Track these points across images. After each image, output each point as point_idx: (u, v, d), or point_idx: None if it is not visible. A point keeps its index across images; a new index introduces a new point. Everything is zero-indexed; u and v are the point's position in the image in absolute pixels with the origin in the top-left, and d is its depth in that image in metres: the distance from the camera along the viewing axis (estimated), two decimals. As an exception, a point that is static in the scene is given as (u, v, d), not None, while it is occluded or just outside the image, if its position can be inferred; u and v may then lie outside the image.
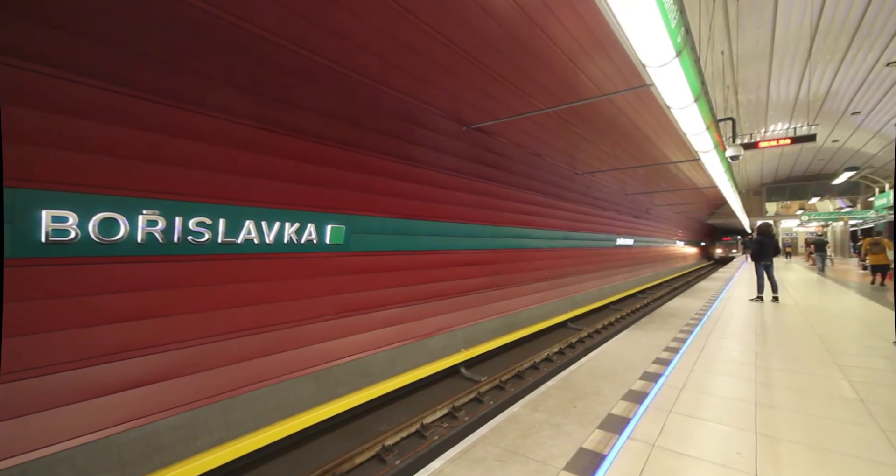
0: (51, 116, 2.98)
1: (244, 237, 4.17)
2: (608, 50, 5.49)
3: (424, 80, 5.06)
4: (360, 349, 5.43)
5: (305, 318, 4.83)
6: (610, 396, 3.29)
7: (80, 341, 3.19)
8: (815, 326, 5.76)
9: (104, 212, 3.23)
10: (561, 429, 2.73)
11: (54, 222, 2.99)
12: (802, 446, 2.47)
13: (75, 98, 3.08)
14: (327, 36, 3.93)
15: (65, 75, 3.00)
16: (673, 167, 13.62)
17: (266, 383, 4.35)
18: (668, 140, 10.53)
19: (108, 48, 3.14)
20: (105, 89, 3.20)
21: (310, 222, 4.81)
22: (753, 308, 7.48)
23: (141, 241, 3.44)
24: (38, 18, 2.80)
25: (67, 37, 2.94)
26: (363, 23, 3.90)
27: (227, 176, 4.06)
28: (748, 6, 7.70)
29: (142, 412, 3.48)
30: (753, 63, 10.06)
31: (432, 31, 4.23)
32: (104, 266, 3.28)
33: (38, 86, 2.91)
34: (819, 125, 14.43)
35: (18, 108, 2.84)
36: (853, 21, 8.12)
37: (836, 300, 8.48)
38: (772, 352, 4.53)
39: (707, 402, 3.17)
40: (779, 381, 3.60)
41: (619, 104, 7.66)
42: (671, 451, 2.42)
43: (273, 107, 4.29)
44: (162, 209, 3.56)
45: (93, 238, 3.17)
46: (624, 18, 2.99)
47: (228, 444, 3.84)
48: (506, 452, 2.45)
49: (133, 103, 3.36)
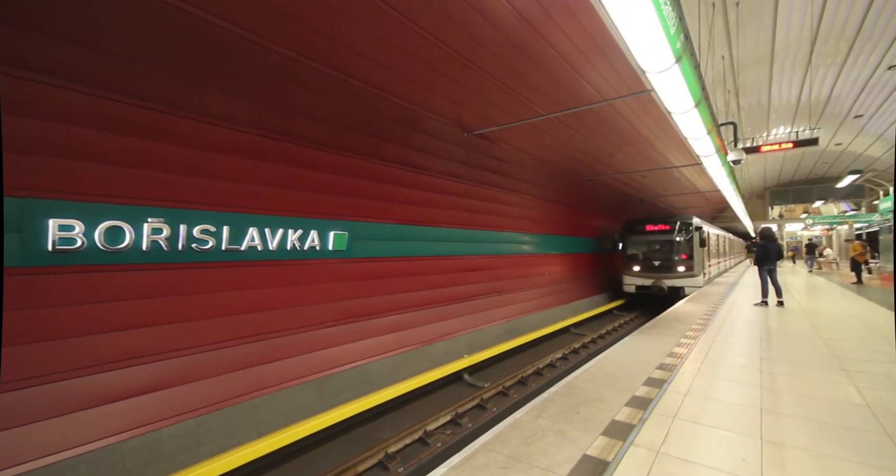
0: (57, 127, 3.03)
1: (247, 244, 4.20)
2: (608, 56, 5.51)
3: (426, 88, 5.10)
4: (363, 355, 5.42)
5: (308, 325, 4.84)
6: (614, 402, 3.27)
7: (84, 349, 3.21)
8: (820, 331, 5.72)
9: (110, 220, 3.26)
10: (565, 435, 2.72)
11: (61, 231, 3.02)
12: (809, 453, 2.44)
13: (81, 108, 3.13)
14: (329, 44, 3.97)
15: (72, 86, 3.05)
16: (675, 171, 13.62)
17: (268, 390, 4.34)
18: (670, 144, 10.53)
19: (113, 59, 3.19)
20: (109, 99, 3.25)
21: (312, 229, 4.83)
22: (758, 313, 7.43)
23: (146, 249, 3.47)
24: (46, 31, 2.86)
25: (75, 48, 3.00)
26: (366, 32, 3.95)
27: (231, 184, 4.10)
28: (748, 11, 7.75)
29: (146, 420, 3.49)
30: (754, 67, 10.09)
31: (435, 40, 4.27)
32: (109, 274, 3.31)
33: (46, 97, 2.96)
34: (821, 128, 14.43)
35: (26, 119, 2.89)
36: (854, 25, 8.14)
37: (839, 304, 8.41)
38: (777, 357, 4.49)
39: (712, 407, 3.15)
40: (784, 387, 3.57)
41: (619, 109, 7.67)
42: (676, 458, 2.40)
43: (277, 116, 4.33)
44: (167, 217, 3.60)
45: (98, 246, 3.20)
46: (623, 26, 3.02)
47: (232, 452, 3.83)
48: (509, 459, 2.44)
49: (136, 113, 3.41)
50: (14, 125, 2.84)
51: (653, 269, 12.78)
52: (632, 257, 13.38)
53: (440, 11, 3.98)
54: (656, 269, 12.72)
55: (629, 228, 13.72)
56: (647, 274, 12.88)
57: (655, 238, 13.15)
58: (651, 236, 13.24)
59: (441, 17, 4.06)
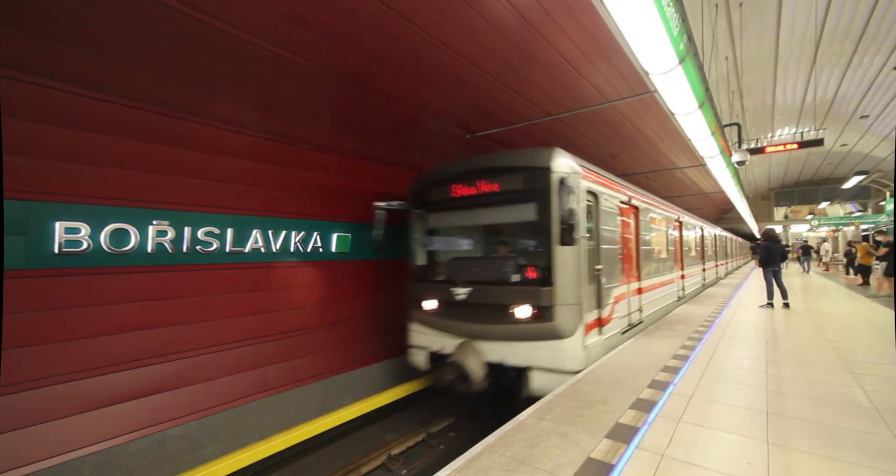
0: (64, 131, 3.06)
1: (252, 247, 4.21)
2: (611, 58, 5.52)
3: (431, 89, 5.11)
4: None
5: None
6: (618, 405, 3.25)
7: (89, 351, 3.23)
8: (826, 333, 5.67)
9: (116, 223, 3.29)
10: (568, 438, 2.70)
11: (67, 233, 3.05)
12: (816, 456, 2.42)
13: (88, 113, 3.16)
14: (334, 46, 3.99)
15: (78, 90, 3.08)
16: (679, 172, 13.56)
17: (272, 392, 4.35)
18: (673, 145, 10.51)
19: (118, 64, 3.22)
20: (115, 103, 3.28)
21: (316, 230, 4.84)
22: (763, 314, 7.37)
23: (151, 251, 3.49)
24: (54, 37, 2.89)
25: (81, 54, 3.03)
26: (372, 36, 3.97)
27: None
28: (751, 12, 7.73)
29: (150, 421, 3.50)
30: (758, 68, 10.06)
31: (439, 44, 4.28)
32: (114, 276, 3.33)
33: (53, 101, 2.99)
34: (827, 129, 14.34)
35: (33, 123, 2.92)
36: (858, 25, 8.10)
37: (846, 305, 8.34)
38: (783, 359, 4.45)
39: (717, 410, 3.12)
40: (791, 390, 3.53)
41: (622, 110, 7.67)
42: (681, 462, 2.38)
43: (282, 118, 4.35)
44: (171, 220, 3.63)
45: (104, 248, 3.23)
46: (626, 28, 3.02)
47: (234, 454, 3.84)
48: (512, 462, 2.43)
49: (142, 116, 3.44)
50: (22, 129, 2.87)
51: (459, 313, 4.73)
52: (423, 278, 5.31)
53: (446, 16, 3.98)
54: (465, 314, 4.67)
55: (419, 195, 5.40)
56: (448, 323, 4.85)
57: (469, 217, 5.10)
58: (461, 215, 5.14)
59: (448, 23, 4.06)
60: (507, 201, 4.45)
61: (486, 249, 5.60)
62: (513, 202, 4.42)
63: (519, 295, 4.16)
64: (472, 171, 4.69)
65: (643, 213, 6.51)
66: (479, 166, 4.66)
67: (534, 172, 4.20)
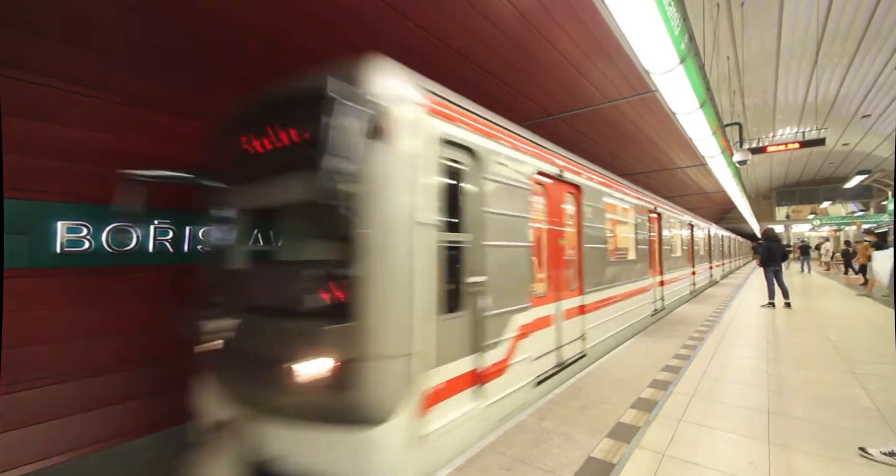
0: (64, 130, 3.07)
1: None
2: (612, 57, 5.52)
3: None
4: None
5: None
6: (618, 404, 3.25)
7: (92, 351, 3.24)
8: (827, 332, 5.66)
9: (117, 222, 3.29)
10: (569, 437, 2.71)
11: (69, 233, 3.06)
12: (816, 456, 2.42)
13: (88, 112, 3.16)
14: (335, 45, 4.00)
15: (78, 90, 3.09)
16: (680, 172, 13.55)
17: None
18: (674, 145, 10.50)
19: (121, 64, 3.23)
20: (117, 103, 3.28)
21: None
22: (765, 314, 7.37)
23: (152, 251, 3.50)
24: (57, 38, 2.89)
25: (86, 54, 3.03)
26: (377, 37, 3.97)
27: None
28: (752, 11, 7.72)
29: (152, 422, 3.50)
30: (759, 67, 10.04)
31: (443, 45, 4.29)
32: (116, 275, 3.33)
33: (54, 101, 3.00)
34: (828, 129, 14.31)
35: (35, 122, 2.93)
36: (860, 25, 8.09)
37: (847, 305, 8.33)
38: (784, 359, 4.45)
39: (718, 410, 3.12)
40: (792, 389, 3.53)
41: (623, 109, 7.67)
42: (682, 461, 2.38)
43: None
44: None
45: (105, 248, 3.23)
46: (627, 27, 3.02)
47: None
48: (513, 461, 2.43)
49: (145, 115, 3.44)
50: (24, 129, 2.88)
51: (222, 364, 2.65)
52: (198, 300, 2.86)
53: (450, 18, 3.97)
54: (229, 366, 2.61)
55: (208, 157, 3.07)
56: (217, 381, 2.67)
57: (247, 193, 2.79)
58: (241, 190, 2.83)
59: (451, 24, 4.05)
60: (288, 161, 2.42)
61: (269, 250, 3.65)
62: (294, 163, 2.36)
63: (295, 337, 2.25)
64: (257, 112, 2.66)
65: (590, 197, 4.56)
66: (265, 102, 2.63)
67: (314, 102, 2.05)
